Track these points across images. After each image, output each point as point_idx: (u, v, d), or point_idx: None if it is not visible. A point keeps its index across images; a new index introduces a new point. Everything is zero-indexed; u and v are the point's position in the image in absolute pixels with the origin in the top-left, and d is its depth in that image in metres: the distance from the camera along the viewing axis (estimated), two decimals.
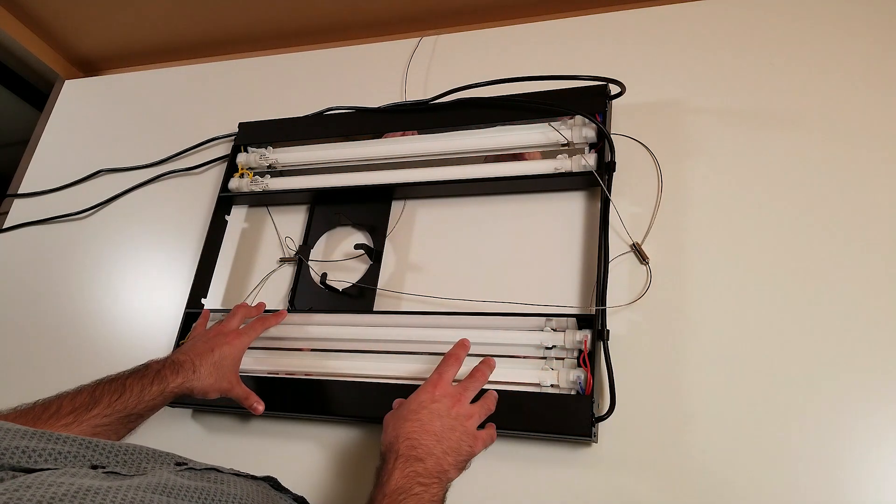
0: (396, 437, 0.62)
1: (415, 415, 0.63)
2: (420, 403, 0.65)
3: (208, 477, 0.48)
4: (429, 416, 0.63)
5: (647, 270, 0.78)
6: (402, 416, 0.64)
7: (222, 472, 0.50)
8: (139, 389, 0.66)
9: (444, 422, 0.63)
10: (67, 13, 1.28)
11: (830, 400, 0.67)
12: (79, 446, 0.43)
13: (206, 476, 0.48)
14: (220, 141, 1.12)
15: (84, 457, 0.43)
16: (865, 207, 0.74)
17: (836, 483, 0.63)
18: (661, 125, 0.86)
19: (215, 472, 0.49)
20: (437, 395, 0.65)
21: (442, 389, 0.66)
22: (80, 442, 0.44)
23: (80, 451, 0.43)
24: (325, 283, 0.90)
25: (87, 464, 0.43)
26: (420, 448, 0.60)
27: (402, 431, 0.62)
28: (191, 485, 0.43)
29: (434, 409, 0.64)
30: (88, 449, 0.44)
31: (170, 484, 0.41)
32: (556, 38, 1.00)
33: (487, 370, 0.71)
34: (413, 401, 0.65)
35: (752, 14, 0.90)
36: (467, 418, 0.65)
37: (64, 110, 1.33)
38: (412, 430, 0.62)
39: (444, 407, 0.64)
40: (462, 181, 0.88)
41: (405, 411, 0.64)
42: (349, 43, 1.18)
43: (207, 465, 0.50)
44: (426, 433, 0.62)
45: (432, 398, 0.65)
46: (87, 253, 1.12)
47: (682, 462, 0.68)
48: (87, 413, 0.61)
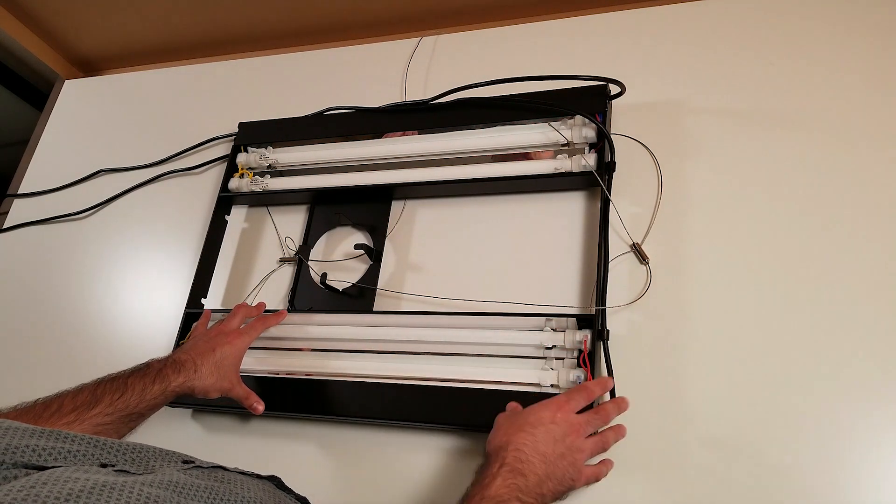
0: (507, 443, 0.61)
1: (531, 428, 0.62)
2: (539, 419, 0.63)
3: (215, 476, 0.48)
4: (544, 436, 0.62)
5: (647, 270, 0.78)
6: (517, 426, 0.63)
7: (228, 471, 0.50)
8: (141, 388, 0.66)
9: (556, 447, 0.62)
10: (67, 13, 1.28)
11: (830, 400, 0.67)
12: (87, 445, 0.43)
13: (212, 475, 0.48)
14: (220, 141, 1.12)
15: (93, 455, 0.43)
16: (865, 207, 0.74)
17: (836, 483, 0.63)
18: (661, 125, 0.86)
19: (221, 471, 0.50)
20: (558, 419, 0.64)
21: (564, 414, 0.64)
22: (87, 440, 0.44)
23: (88, 449, 0.43)
24: (325, 283, 0.90)
25: (97, 462, 0.43)
26: (526, 464, 0.59)
27: (515, 440, 0.61)
28: (200, 484, 0.43)
29: (551, 430, 0.62)
30: (97, 448, 0.44)
31: (180, 482, 0.41)
32: (556, 38, 1.00)
33: (615, 411, 0.68)
34: (532, 413, 0.64)
35: (751, 14, 0.90)
36: (579, 451, 0.63)
37: (64, 110, 1.33)
38: (524, 444, 0.61)
39: (561, 432, 0.63)
40: (462, 181, 0.88)
41: (522, 421, 0.63)
42: (349, 43, 1.18)
43: (213, 464, 0.51)
44: (536, 452, 0.60)
45: (552, 419, 0.63)
46: (87, 253, 1.12)
47: (682, 462, 0.68)
48: (88, 412, 0.61)
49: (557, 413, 0.64)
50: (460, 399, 0.74)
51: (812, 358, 0.69)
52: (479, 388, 0.75)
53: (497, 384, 0.75)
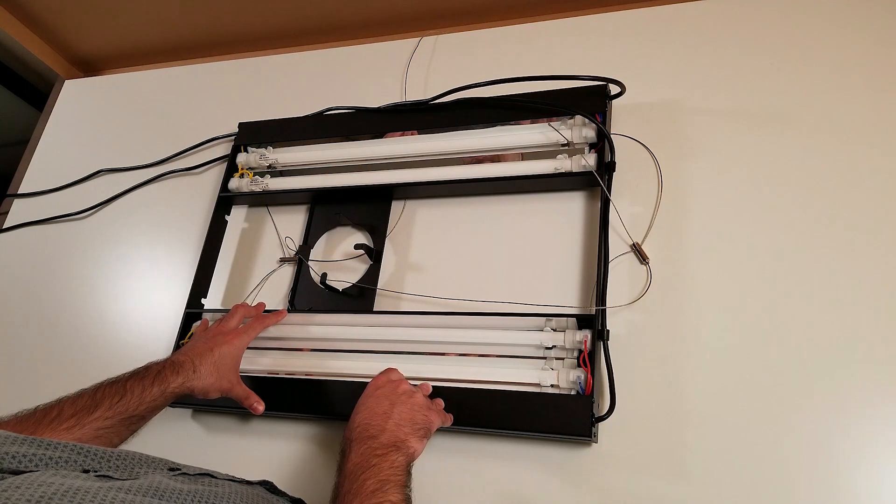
0: (349, 428, 0.64)
1: (362, 405, 0.66)
2: (365, 395, 0.68)
3: (202, 481, 0.47)
4: (375, 401, 0.66)
5: (647, 270, 0.78)
6: (353, 413, 0.66)
7: (216, 478, 0.50)
8: (140, 391, 0.66)
9: (391, 399, 0.66)
10: (67, 13, 1.28)
11: (830, 399, 0.67)
12: (70, 452, 0.43)
13: (199, 480, 0.47)
14: (220, 141, 1.12)
15: (75, 462, 0.43)
16: (866, 207, 0.74)
17: (835, 483, 0.63)
18: (661, 125, 0.86)
19: (209, 478, 0.49)
20: (379, 383, 0.69)
21: (384, 377, 0.70)
22: (71, 448, 0.43)
23: (70, 456, 0.43)
24: (325, 283, 0.90)
25: (79, 468, 0.42)
26: (373, 427, 0.62)
27: (353, 422, 0.64)
28: (183, 487, 0.42)
29: (379, 394, 0.67)
30: (80, 455, 0.43)
31: (161, 486, 0.41)
32: (556, 38, 1.00)
33: None
34: (360, 399, 0.68)
35: (751, 14, 0.90)
36: (413, 393, 0.68)
37: (64, 110, 1.33)
38: (363, 418, 0.64)
39: (389, 390, 0.68)
40: (462, 181, 0.88)
41: (356, 407, 0.67)
42: (349, 43, 1.18)
43: (201, 471, 0.50)
44: (375, 414, 0.64)
45: (375, 385, 0.69)
46: (87, 253, 1.12)
47: (682, 462, 0.68)
48: (88, 416, 0.61)
49: (376, 381, 0.70)
50: (460, 399, 0.74)
51: (812, 357, 0.69)
52: (479, 388, 0.75)
53: (497, 384, 0.75)
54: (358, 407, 0.67)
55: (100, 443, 0.62)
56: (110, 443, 0.63)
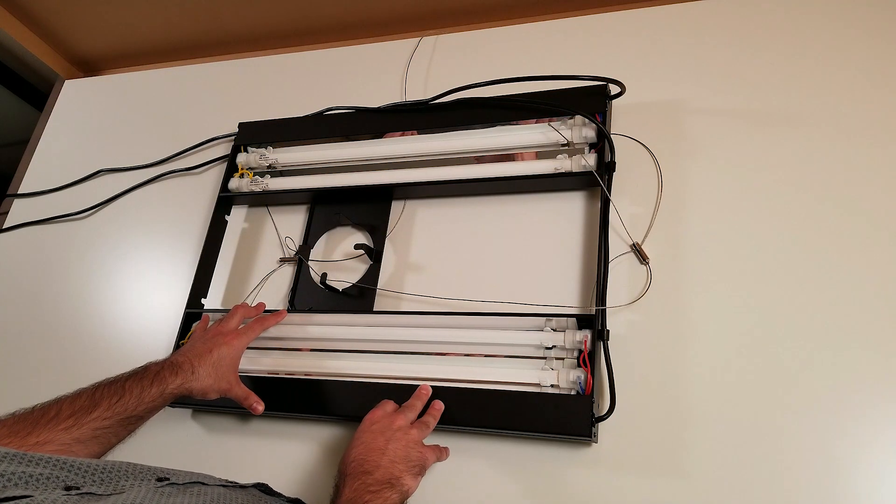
0: (344, 462, 0.65)
1: (357, 440, 0.67)
2: (360, 430, 0.69)
3: (191, 492, 0.46)
4: (371, 437, 0.67)
5: (647, 270, 0.78)
6: (348, 448, 0.67)
7: (207, 485, 0.49)
8: (139, 391, 0.66)
9: (386, 435, 0.67)
10: (67, 13, 1.28)
11: (830, 399, 0.67)
12: (52, 467, 0.42)
13: (188, 491, 0.46)
14: (220, 141, 1.12)
15: (58, 478, 0.42)
16: (866, 207, 0.74)
17: (835, 483, 0.63)
18: (661, 125, 0.86)
19: (199, 486, 0.48)
20: (376, 417, 0.70)
21: (381, 411, 0.71)
22: (53, 462, 0.43)
23: (53, 472, 0.42)
24: (325, 283, 0.90)
25: (61, 485, 0.41)
26: (367, 463, 0.63)
27: (349, 457, 0.65)
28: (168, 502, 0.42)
29: (375, 429, 0.68)
30: (63, 469, 0.43)
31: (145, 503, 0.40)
32: (556, 38, 1.00)
33: (419, 402, 0.74)
34: (357, 432, 0.69)
35: (752, 14, 0.90)
36: (409, 430, 0.68)
37: (64, 110, 1.33)
38: (358, 453, 0.65)
39: (382, 426, 0.68)
40: (462, 181, 0.88)
41: (351, 443, 0.68)
42: (349, 43, 1.18)
43: (192, 479, 0.49)
44: (371, 451, 0.65)
45: (371, 421, 0.70)
46: (87, 253, 1.12)
47: (682, 462, 0.68)
48: (87, 416, 0.61)
49: (374, 415, 0.70)
50: (460, 399, 0.74)
51: (813, 357, 0.69)
52: (479, 388, 0.75)
53: (497, 384, 0.75)
54: (353, 441, 0.68)
55: (97, 443, 0.62)
56: (108, 443, 0.63)
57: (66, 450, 0.58)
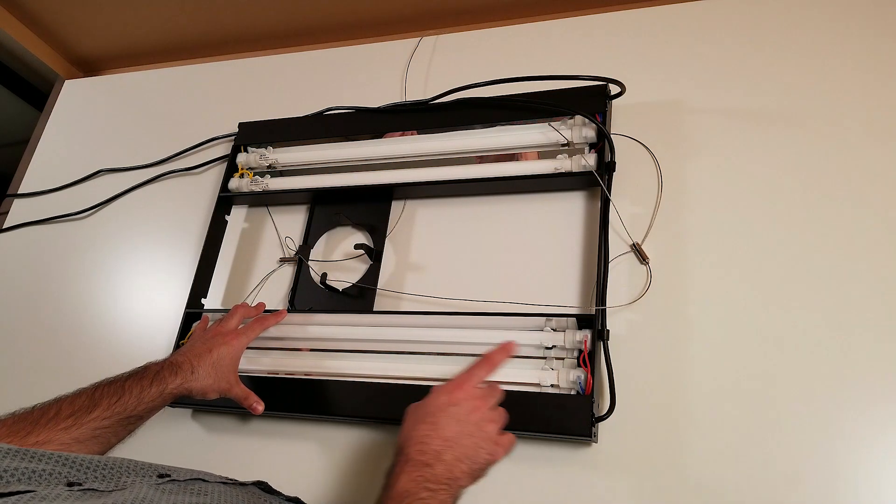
0: (409, 438, 0.60)
1: (431, 417, 0.61)
2: (438, 405, 0.62)
3: (191, 489, 0.46)
4: (446, 421, 0.60)
5: (647, 270, 0.78)
6: (418, 417, 0.61)
7: (207, 482, 0.49)
8: (138, 391, 0.66)
9: (461, 427, 0.60)
10: (67, 13, 1.28)
11: (830, 399, 0.67)
12: (54, 463, 0.42)
13: (188, 488, 0.46)
14: (220, 141, 1.12)
15: (60, 474, 0.42)
16: (866, 207, 0.74)
17: (835, 483, 0.63)
18: (661, 125, 0.86)
19: (200, 483, 0.48)
20: (458, 398, 0.62)
21: (464, 392, 0.63)
22: (55, 458, 0.43)
23: (55, 468, 0.42)
24: (325, 283, 0.90)
25: (63, 481, 0.42)
26: (429, 453, 0.58)
27: (415, 433, 0.60)
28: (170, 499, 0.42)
29: (452, 413, 0.61)
30: (65, 466, 0.43)
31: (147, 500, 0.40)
32: (556, 38, 1.00)
33: (503, 356, 0.68)
34: (431, 403, 0.63)
35: (751, 14, 0.90)
36: (488, 423, 0.62)
37: (64, 110, 1.33)
38: (424, 434, 0.59)
39: (464, 411, 0.62)
40: (462, 181, 0.88)
41: (422, 413, 0.62)
42: (349, 43, 1.18)
43: (192, 476, 0.49)
44: (439, 437, 0.59)
45: (451, 401, 0.62)
46: (87, 253, 1.12)
47: (682, 462, 0.68)
48: (86, 416, 0.61)
49: (455, 392, 0.63)
50: None
51: (813, 357, 0.69)
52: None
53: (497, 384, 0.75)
54: (422, 413, 0.61)
55: (97, 443, 0.62)
56: (107, 442, 0.63)
57: (65, 449, 0.58)
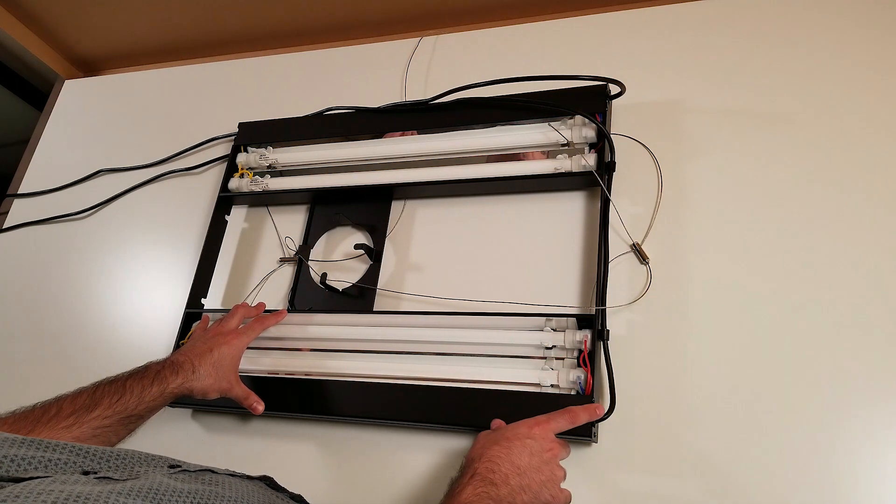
0: (480, 455, 0.61)
1: (507, 442, 0.62)
2: (516, 434, 0.63)
3: (202, 479, 0.47)
4: (520, 449, 0.62)
5: (647, 270, 0.78)
6: (493, 439, 0.63)
7: (217, 473, 0.50)
8: (139, 390, 0.66)
9: (532, 460, 0.62)
10: (67, 13, 1.28)
11: (831, 399, 0.67)
12: (69, 453, 0.43)
13: (199, 478, 0.47)
14: (220, 141, 1.12)
15: (75, 464, 0.43)
16: (865, 207, 0.74)
17: (835, 483, 0.63)
18: (661, 125, 0.86)
19: (210, 474, 0.49)
20: (536, 433, 0.64)
21: (542, 430, 0.64)
22: (70, 448, 0.43)
23: (70, 458, 0.43)
24: (325, 283, 0.90)
25: (78, 470, 0.42)
26: (497, 473, 0.59)
27: (488, 452, 0.61)
28: (183, 488, 0.42)
29: (527, 444, 0.62)
30: (79, 456, 0.43)
31: (161, 487, 0.41)
32: (556, 38, 1.00)
33: (586, 417, 0.67)
34: (511, 428, 0.64)
35: (751, 14, 0.90)
36: (557, 468, 0.64)
37: (64, 110, 1.33)
38: (497, 455, 0.61)
39: (539, 446, 0.63)
40: (462, 181, 0.88)
41: (499, 435, 0.63)
42: (349, 43, 1.18)
43: (201, 467, 0.50)
44: (510, 463, 0.60)
45: (529, 434, 0.63)
46: (87, 253, 1.12)
47: (682, 462, 0.68)
48: (87, 415, 0.61)
49: (535, 428, 0.64)
50: (460, 399, 0.74)
51: (813, 357, 0.69)
52: (479, 388, 0.75)
53: (497, 384, 0.75)
54: (499, 436, 0.63)
55: (97, 442, 0.62)
56: (108, 442, 0.63)
57: None
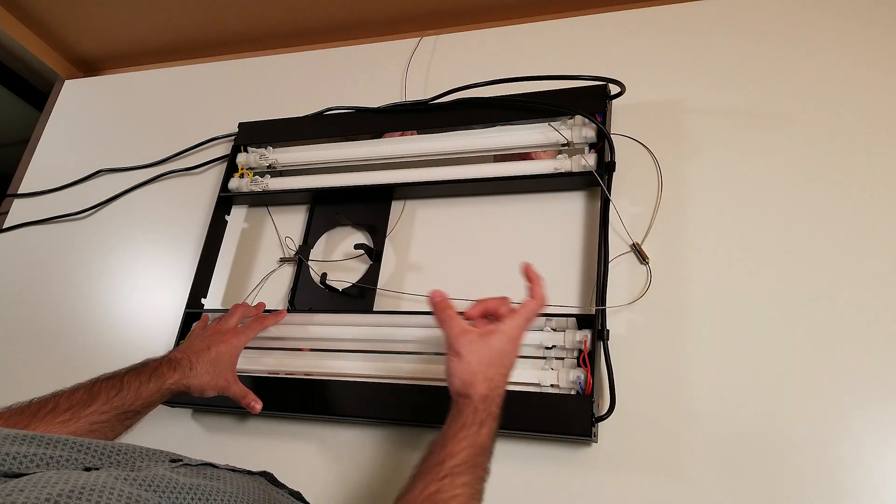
0: (490, 388, 0.59)
1: (500, 365, 0.60)
2: (504, 351, 0.61)
3: (203, 473, 0.47)
4: (509, 360, 0.61)
5: (647, 270, 0.78)
6: (488, 362, 0.60)
7: (217, 468, 0.50)
8: (136, 386, 0.66)
9: (510, 357, 0.61)
10: (67, 13, 1.28)
11: (830, 399, 0.67)
12: (70, 449, 0.43)
13: (201, 472, 0.47)
14: (220, 141, 1.12)
15: (77, 460, 0.43)
16: (865, 207, 0.74)
17: (835, 482, 0.63)
18: (661, 125, 0.86)
19: (211, 468, 0.49)
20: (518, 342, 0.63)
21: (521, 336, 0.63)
22: (71, 444, 0.43)
23: (71, 454, 0.43)
24: (325, 283, 0.90)
25: (80, 466, 0.42)
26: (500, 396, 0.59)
27: (494, 382, 0.59)
28: (185, 482, 0.42)
29: (508, 350, 0.61)
30: (80, 451, 0.43)
31: (164, 481, 0.41)
32: (556, 38, 1.00)
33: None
34: (499, 347, 0.61)
35: (751, 14, 0.90)
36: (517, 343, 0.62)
37: (64, 110, 1.33)
38: (500, 383, 0.60)
39: (514, 346, 0.62)
40: (462, 181, 0.88)
41: (490, 358, 0.60)
42: (349, 43, 1.18)
43: (202, 461, 0.50)
44: (506, 378, 0.61)
45: (515, 347, 0.62)
46: (87, 253, 1.12)
47: (682, 462, 0.68)
48: (84, 410, 0.61)
49: (518, 340, 0.62)
50: None
51: (812, 357, 0.69)
52: None
53: None
54: (493, 362, 0.60)
55: (94, 435, 0.61)
56: (105, 437, 0.63)
57: None
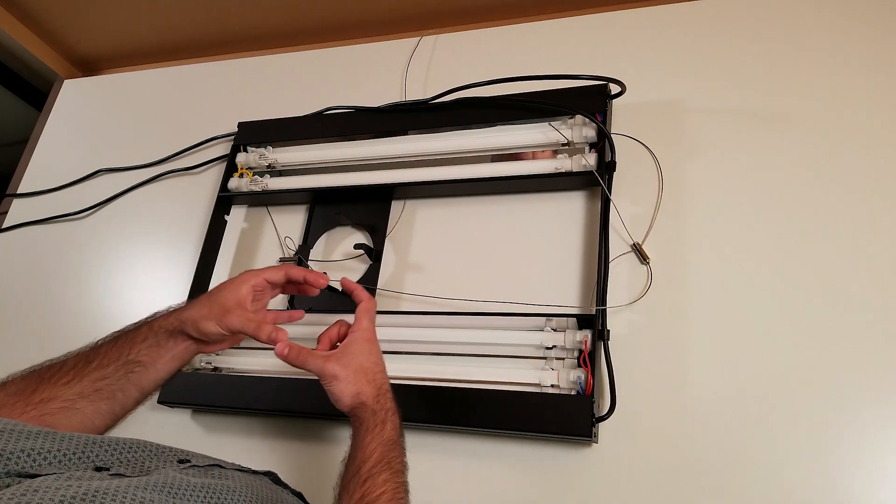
0: (377, 390, 0.64)
1: (374, 367, 0.65)
2: (373, 352, 0.67)
3: (212, 473, 0.48)
4: (379, 360, 0.67)
5: (648, 270, 0.78)
6: (364, 371, 0.65)
7: (225, 468, 0.51)
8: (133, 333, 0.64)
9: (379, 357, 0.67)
10: (67, 13, 1.28)
11: (831, 399, 0.67)
12: (82, 446, 0.44)
13: (209, 472, 0.48)
14: (219, 141, 1.12)
15: (87, 457, 0.44)
16: (865, 207, 0.74)
17: (835, 482, 0.63)
18: (661, 125, 0.86)
19: (218, 468, 0.50)
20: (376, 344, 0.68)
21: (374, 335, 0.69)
22: (83, 440, 0.44)
23: (83, 451, 0.44)
24: None
25: (91, 465, 0.43)
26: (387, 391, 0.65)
27: (376, 383, 0.64)
28: (196, 482, 0.43)
29: (374, 352, 0.67)
30: (91, 449, 0.44)
31: (175, 483, 0.42)
32: (556, 38, 1.00)
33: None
34: (369, 354, 0.66)
35: (751, 14, 0.90)
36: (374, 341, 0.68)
37: (64, 110, 1.33)
38: (383, 382, 0.65)
39: (374, 344, 0.67)
40: (462, 181, 0.88)
41: (364, 366, 0.65)
42: (349, 43, 1.18)
43: (210, 462, 0.51)
44: (385, 376, 0.66)
45: (378, 350, 0.68)
46: (86, 253, 1.12)
47: (682, 462, 0.68)
48: (86, 367, 0.61)
49: (373, 336, 0.68)
50: (460, 399, 0.74)
51: (813, 357, 0.69)
52: (479, 388, 0.75)
53: (497, 384, 0.75)
54: (367, 369, 0.65)
55: (101, 397, 0.60)
56: (112, 397, 0.61)
57: (70, 406, 0.58)
